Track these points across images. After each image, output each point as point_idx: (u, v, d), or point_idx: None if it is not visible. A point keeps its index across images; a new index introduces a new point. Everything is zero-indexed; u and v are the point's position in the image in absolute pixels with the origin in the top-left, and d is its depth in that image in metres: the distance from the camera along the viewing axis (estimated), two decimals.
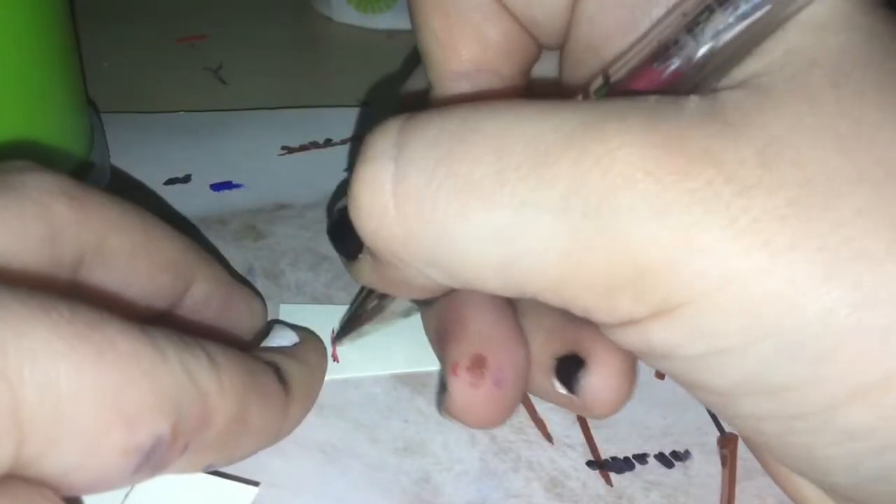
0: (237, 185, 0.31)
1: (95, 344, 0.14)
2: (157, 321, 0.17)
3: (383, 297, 0.22)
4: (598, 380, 0.20)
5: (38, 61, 0.25)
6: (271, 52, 0.42)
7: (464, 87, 0.20)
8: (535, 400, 0.23)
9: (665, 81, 0.16)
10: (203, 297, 0.21)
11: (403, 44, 0.43)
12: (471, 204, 0.15)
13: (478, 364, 0.20)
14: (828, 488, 0.18)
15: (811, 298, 0.14)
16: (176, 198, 0.31)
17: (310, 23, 0.45)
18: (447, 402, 0.20)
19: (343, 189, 0.20)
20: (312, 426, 0.21)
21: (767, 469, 0.21)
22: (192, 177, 0.32)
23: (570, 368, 0.21)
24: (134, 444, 0.15)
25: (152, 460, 0.15)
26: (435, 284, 0.17)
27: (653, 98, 0.15)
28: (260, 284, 0.27)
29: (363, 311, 0.23)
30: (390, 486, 0.21)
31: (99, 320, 0.14)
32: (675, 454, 0.22)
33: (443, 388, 0.21)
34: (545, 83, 0.21)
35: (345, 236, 0.19)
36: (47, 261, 0.17)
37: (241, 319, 0.23)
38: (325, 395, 0.22)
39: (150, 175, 0.32)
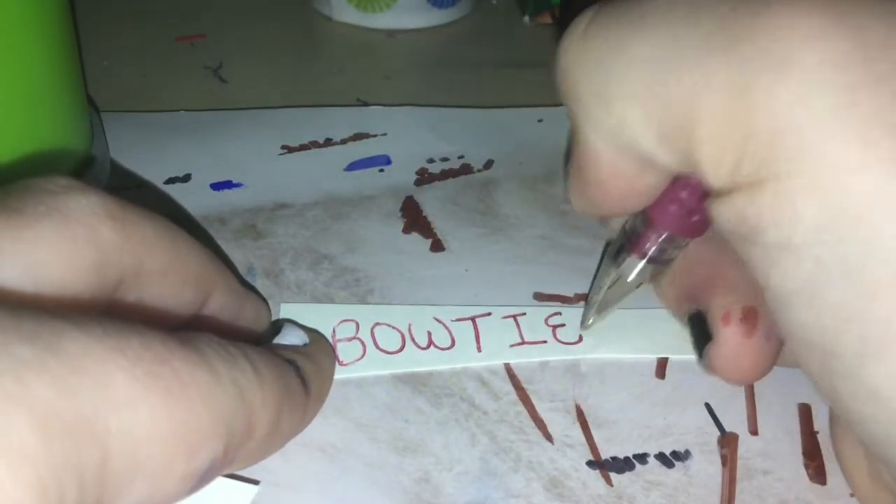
0: (237, 185, 0.31)
1: (165, 380, 0.14)
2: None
3: (618, 263, 0.23)
4: None
5: (39, 60, 0.25)
6: (271, 52, 0.42)
7: None
8: (535, 400, 0.23)
9: None
10: (218, 308, 0.21)
11: (403, 43, 0.43)
12: (635, 35, 0.17)
13: (750, 315, 0.20)
14: (858, 437, 0.18)
15: (889, 220, 0.14)
16: (176, 197, 0.31)
17: (310, 22, 0.45)
18: (713, 352, 0.21)
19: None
20: (313, 426, 0.21)
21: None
22: (192, 176, 0.32)
23: None
24: (194, 469, 0.15)
25: (205, 479, 0.15)
26: (623, 169, 0.19)
27: None
28: (260, 284, 0.27)
29: (602, 284, 0.23)
30: (390, 485, 0.21)
31: (164, 350, 0.14)
32: (675, 454, 0.22)
33: (703, 338, 0.21)
34: None
35: None
36: (94, 287, 0.17)
37: (249, 326, 0.23)
38: None
39: (150, 174, 0.32)
